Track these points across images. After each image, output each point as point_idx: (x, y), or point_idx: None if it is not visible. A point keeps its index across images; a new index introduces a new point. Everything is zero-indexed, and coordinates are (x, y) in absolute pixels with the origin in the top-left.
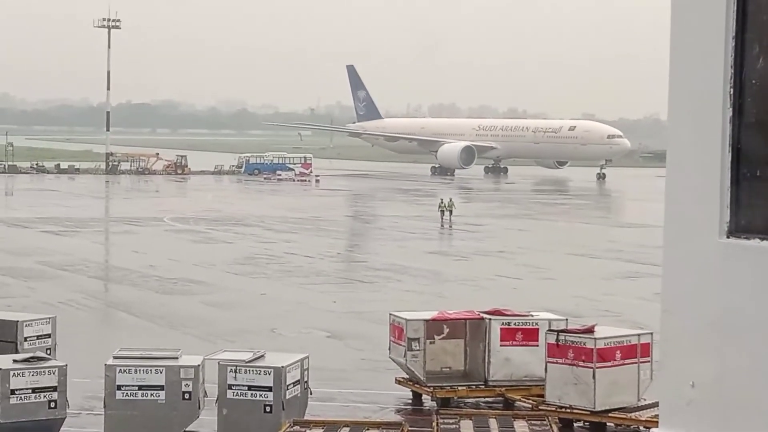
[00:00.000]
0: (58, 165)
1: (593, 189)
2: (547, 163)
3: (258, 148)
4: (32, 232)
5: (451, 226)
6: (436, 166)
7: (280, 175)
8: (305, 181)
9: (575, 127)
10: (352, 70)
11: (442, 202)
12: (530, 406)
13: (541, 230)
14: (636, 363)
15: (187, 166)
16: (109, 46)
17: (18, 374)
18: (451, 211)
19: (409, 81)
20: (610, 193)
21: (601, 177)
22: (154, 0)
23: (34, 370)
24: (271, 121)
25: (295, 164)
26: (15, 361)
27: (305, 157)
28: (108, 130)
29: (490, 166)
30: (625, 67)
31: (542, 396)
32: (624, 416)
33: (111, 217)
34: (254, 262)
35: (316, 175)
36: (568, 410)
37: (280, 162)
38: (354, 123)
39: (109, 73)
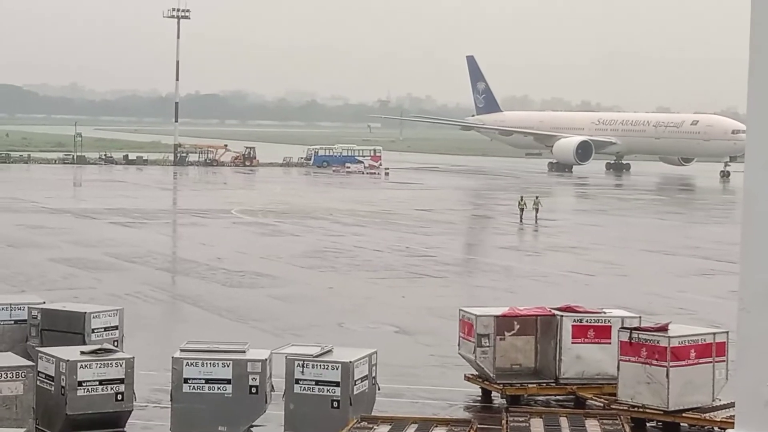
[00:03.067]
0: (126, 156)
1: (703, 187)
2: (671, 159)
3: (327, 140)
4: (100, 223)
5: (536, 222)
6: (553, 161)
7: (349, 167)
8: (374, 174)
9: (698, 121)
10: (471, 61)
11: (521, 200)
12: (602, 404)
13: (618, 226)
14: (711, 362)
15: (255, 158)
16: (178, 36)
17: (85, 366)
18: (537, 209)
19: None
20: (720, 192)
21: (725, 175)
22: None
23: (102, 362)
24: (341, 113)
25: (364, 157)
26: (82, 352)
27: (374, 150)
28: (176, 121)
29: (612, 162)
30: (700, 58)
31: (614, 395)
32: (698, 417)
33: (179, 209)
34: (322, 256)
35: (386, 168)
36: (641, 410)
37: (350, 154)
38: (473, 116)
39: (178, 63)
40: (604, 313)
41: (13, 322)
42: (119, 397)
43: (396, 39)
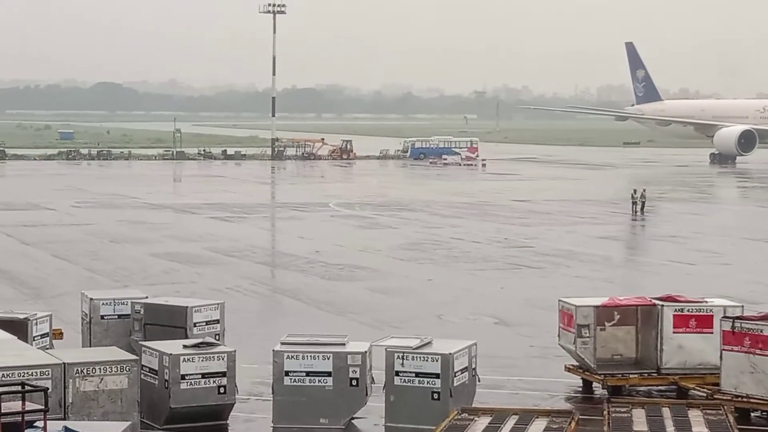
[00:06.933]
0: (225, 151)
1: None
2: None
3: (423, 132)
4: (200, 218)
5: (642, 213)
6: (715, 152)
7: (445, 159)
8: (471, 165)
9: None
10: (631, 48)
11: (635, 192)
12: (705, 395)
13: (721, 216)
14: None
15: (352, 151)
16: (274, 31)
17: (188, 360)
18: (643, 203)
19: (572, 64)
20: None
21: None
22: None
23: (204, 356)
24: (437, 105)
25: (461, 148)
26: (185, 346)
27: (471, 141)
28: (273, 115)
29: None
30: None
31: (717, 385)
32: None
33: (277, 203)
34: (420, 248)
35: (483, 159)
36: (745, 399)
37: (446, 146)
38: (632, 105)
39: (274, 58)
40: (706, 302)
41: (116, 316)
42: (222, 390)
43: (490, 30)
